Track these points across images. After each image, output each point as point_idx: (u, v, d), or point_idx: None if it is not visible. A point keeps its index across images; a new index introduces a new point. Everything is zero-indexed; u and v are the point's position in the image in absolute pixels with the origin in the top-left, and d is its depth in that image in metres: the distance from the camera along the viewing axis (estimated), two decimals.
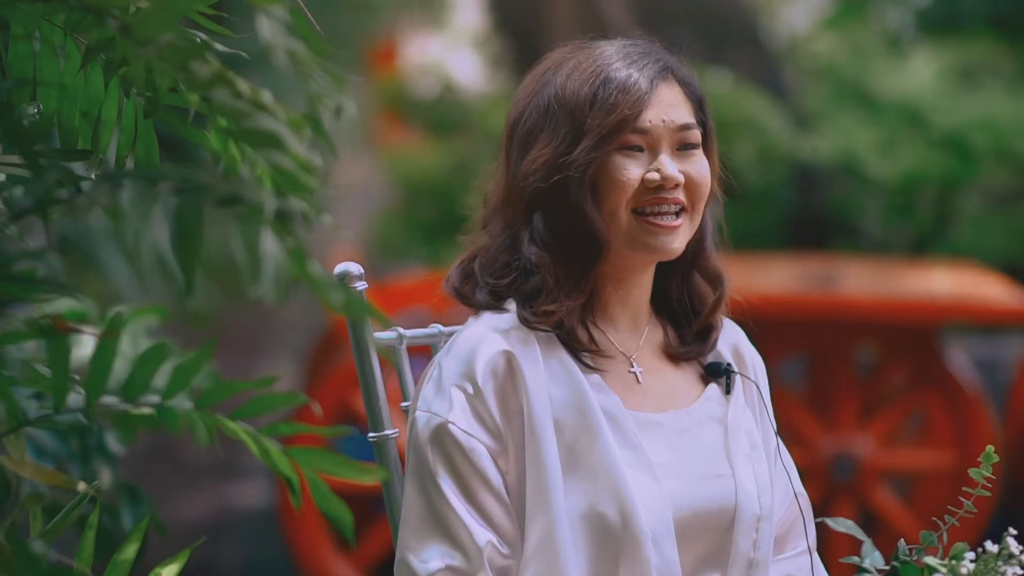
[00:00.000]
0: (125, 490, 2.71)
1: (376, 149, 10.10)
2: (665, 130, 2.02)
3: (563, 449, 1.99)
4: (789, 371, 5.15)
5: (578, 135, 2.00)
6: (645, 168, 2.01)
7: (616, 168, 2.00)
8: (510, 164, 2.06)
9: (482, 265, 2.07)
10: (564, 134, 2.00)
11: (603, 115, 1.99)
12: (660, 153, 2.02)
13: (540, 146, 2.02)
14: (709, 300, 2.12)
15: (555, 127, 2.01)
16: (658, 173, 2.01)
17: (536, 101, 2.04)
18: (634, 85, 2.00)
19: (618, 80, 2.01)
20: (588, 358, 2.04)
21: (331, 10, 9.97)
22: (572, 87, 2.01)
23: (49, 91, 1.90)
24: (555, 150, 2.00)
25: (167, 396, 1.86)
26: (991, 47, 7.04)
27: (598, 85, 2.00)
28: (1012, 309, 4.68)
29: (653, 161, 2.01)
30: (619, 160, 2.01)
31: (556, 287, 2.02)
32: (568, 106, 2.01)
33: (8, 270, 1.69)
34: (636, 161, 2.01)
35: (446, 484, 1.98)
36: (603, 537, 1.98)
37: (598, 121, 1.99)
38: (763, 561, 2.06)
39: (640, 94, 2.00)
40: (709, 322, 2.13)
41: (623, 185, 2.00)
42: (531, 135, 2.04)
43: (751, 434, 2.11)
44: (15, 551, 1.66)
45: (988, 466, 1.99)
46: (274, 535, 5.06)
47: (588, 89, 2.00)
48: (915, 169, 6.36)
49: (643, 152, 2.02)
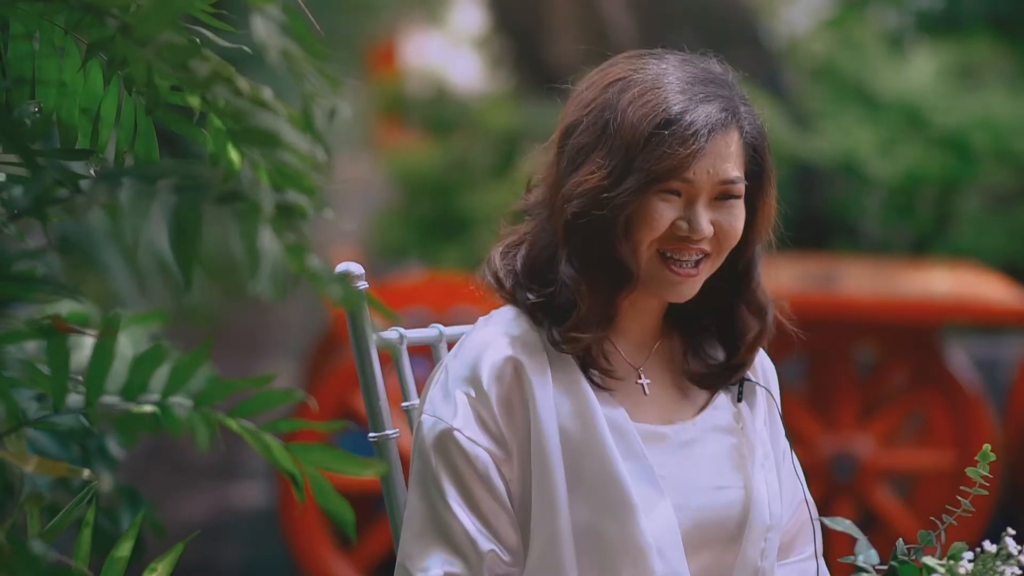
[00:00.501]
0: (124, 493, 2.71)
1: (375, 149, 10.10)
2: (708, 181, 1.98)
3: (568, 459, 1.98)
4: (789, 371, 5.15)
5: (626, 171, 1.96)
6: (678, 214, 1.99)
7: (651, 209, 1.98)
8: (559, 169, 2.03)
9: (524, 267, 2.05)
10: (614, 166, 1.97)
11: (654, 160, 1.96)
12: (697, 203, 1.99)
13: (589, 169, 1.98)
14: (750, 333, 2.09)
15: (607, 154, 1.98)
16: (687, 223, 1.98)
17: (595, 116, 2.00)
18: (692, 137, 1.96)
19: (677, 125, 1.96)
20: (598, 377, 2.03)
21: (330, 10, 9.97)
22: (632, 119, 1.97)
23: (48, 89, 1.90)
24: (600, 181, 1.97)
25: (166, 396, 1.86)
26: (991, 47, 7.04)
27: (657, 124, 1.96)
28: (1012, 309, 4.68)
29: (687, 208, 1.99)
30: (655, 202, 1.98)
31: (587, 315, 2.00)
32: (624, 138, 1.97)
33: (7, 270, 1.69)
34: (671, 205, 1.98)
35: (449, 491, 1.97)
36: (605, 548, 1.97)
37: (648, 165, 1.96)
38: (769, 569, 2.05)
39: (695, 148, 1.96)
40: (745, 359, 2.10)
41: (653, 225, 1.98)
42: (583, 152, 2.00)
43: (764, 443, 2.10)
44: (15, 551, 1.67)
45: (985, 465, 1.99)
46: (274, 535, 5.06)
47: (646, 127, 1.96)
48: (915, 169, 6.36)
49: (680, 197, 1.99)
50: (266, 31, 1.58)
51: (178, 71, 1.63)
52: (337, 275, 1.65)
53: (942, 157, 6.39)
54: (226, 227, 1.55)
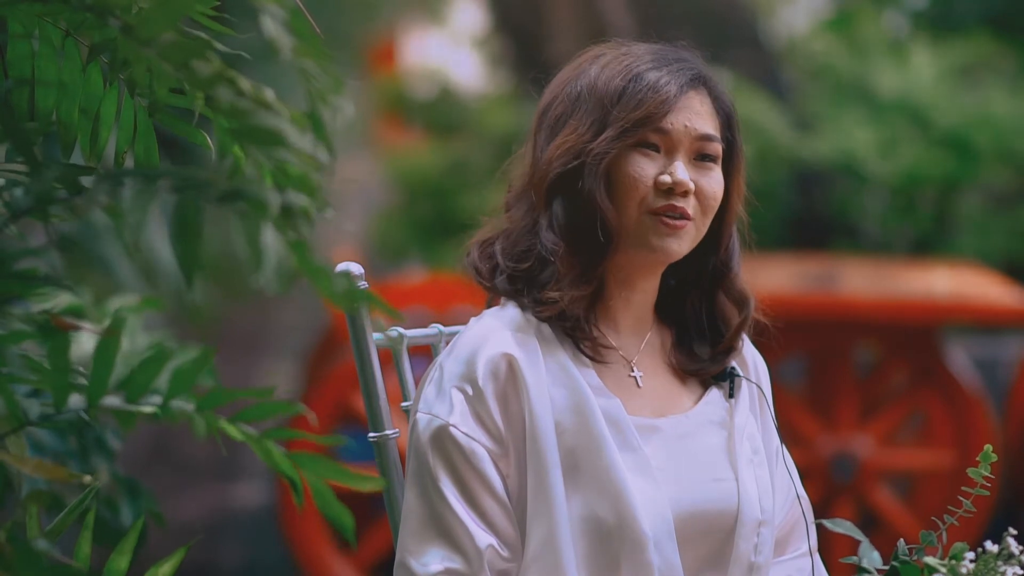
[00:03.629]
0: (124, 485, 2.70)
1: (375, 149, 10.10)
2: (685, 135, 2.04)
3: (564, 452, 1.99)
4: (789, 371, 5.15)
5: (602, 125, 2.03)
6: (659, 169, 2.03)
7: (631, 164, 2.02)
8: (536, 148, 2.09)
9: (503, 248, 2.08)
10: (590, 123, 2.03)
11: (629, 109, 2.02)
12: (676, 158, 2.03)
13: (566, 132, 2.04)
14: (733, 322, 2.13)
15: (583, 115, 2.04)
16: (670, 176, 2.02)
17: (568, 89, 2.07)
18: (664, 86, 2.03)
19: (649, 79, 2.04)
20: (589, 348, 2.04)
21: (331, 9, 9.97)
22: (604, 79, 2.05)
23: (48, 90, 1.90)
24: (579, 137, 2.03)
25: (168, 399, 1.86)
26: (991, 46, 7.04)
27: (629, 79, 2.04)
28: (1012, 309, 4.68)
29: (667, 163, 2.03)
30: (635, 157, 2.03)
31: (564, 275, 2.03)
32: (597, 96, 2.04)
33: (9, 268, 1.69)
34: (652, 161, 2.03)
35: (447, 487, 1.98)
36: (604, 540, 1.98)
37: (623, 114, 2.02)
38: (764, 565, 2.06)
39: (668, 96, 2.03)
40: (731, 344, 2.14)
41: (636, 182, 2.02)
42: (559, 121, 2.06)
43: (753, 438, 2.11)
44: (16, 550, 1.67)
45: (987, 465, 1.99)
46: (274, 535, 5.06)
47: (619, 82, 2.04)
48: (915, 169, 6.36)
49: (659, 153, 2.04)
50: (276, 30, 1.59)
51: (181, 71, 1.63)
52: (339, 272, 1.65)
53: (942, 157, 6.39)
54: (227, 228, 1.55)
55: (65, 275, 1.64)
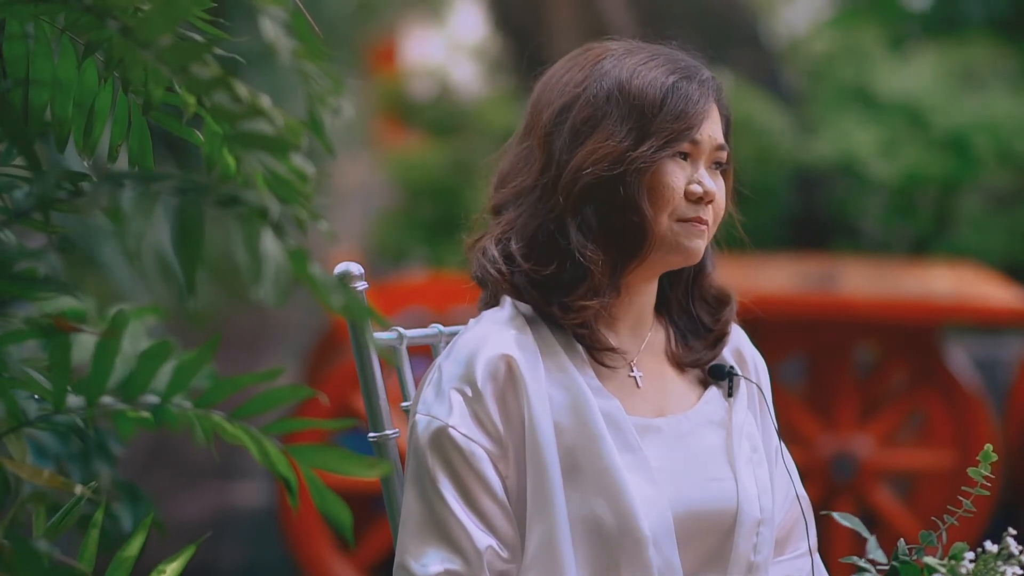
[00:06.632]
0: (125, 489, 2.70)
1: (376, 150, 10.10)
2: (709, 145, 2.07)
3: (563, 453, 1.99)
4: (789, 371, 5.15)
5: (644, 134, 2.03)
6: (688, 178, 2.05)
7: (667, 173, 2.04)
8: (552, 149, 2.06)
9: (520, 250, 2.07)
10: (629, 129, 2.03)
11: (671, 120, 2.04)
12: (700, 166, 2.07)
13: (600, 137, 2.04)
14: (719, 312, 2.16)
15: (618, 121, 2.04)
16: (700, 186, 2.05)
17: (592, 91, 2.06)
18: (698, 99, 2.06)
19: (683, 90, 2.06)
20: (596, 351, 2.05)
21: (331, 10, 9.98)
22: (639, 85, 2.05)
23: (42, 88, 1.90)
24: (619, 144, 2.03)
25: (167, 397, 1.86)
26: (992, 48, 7.04)
27: (667, 90, 2.05)
28: (1012, 309, 4.68)
29: (694, 171, 2.06)
30: (670, 166, 2.04)
31: (599, 282, 2.03)
32: (635, 103, 2.04)
33: (9, 269, 1.69)
34: (682, 169, 2.05)
35: (446, 488, 1.98)
36: (603, 541, 1.98)
37: (666, 125, 2.04)
38: (763, 564, 2.07)
39: (701, 108, 2.06)
40: (721, 332, 2.16)
41: (671, 191, 2.04)
42: (587, 124, 2.05)
43: (752, 437, 2.12)
44: (16, 550, 1.67)
45: (987, 465, 1.99)
46: (274, 535, 5.06)
47: (658, 92, 2.04)
48: (915, 169, 6.36)
49: (686, 161, 2.06)
50: (275, 32, 1.59)
51: (179, 74, 1.63)
52: (338, 282, 1.64)
53: (942, 158, 6.39)
54: (227, 230, 1.55)
55: (65, 277, 1.63)
